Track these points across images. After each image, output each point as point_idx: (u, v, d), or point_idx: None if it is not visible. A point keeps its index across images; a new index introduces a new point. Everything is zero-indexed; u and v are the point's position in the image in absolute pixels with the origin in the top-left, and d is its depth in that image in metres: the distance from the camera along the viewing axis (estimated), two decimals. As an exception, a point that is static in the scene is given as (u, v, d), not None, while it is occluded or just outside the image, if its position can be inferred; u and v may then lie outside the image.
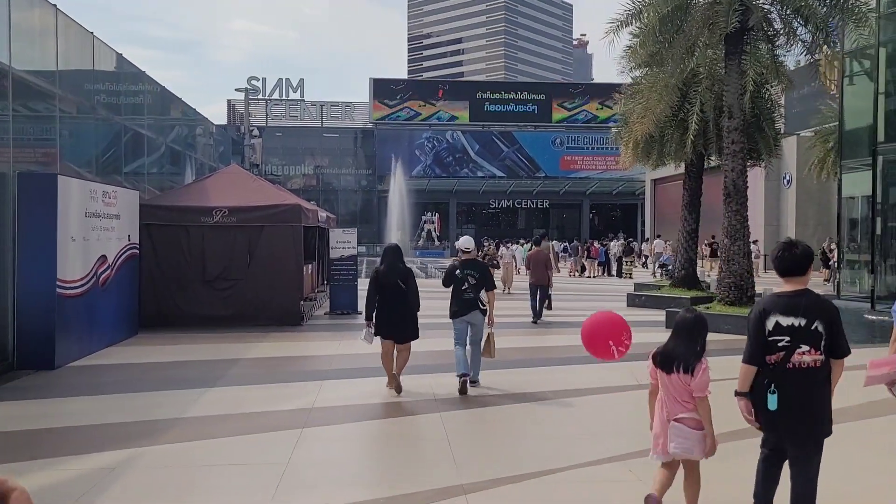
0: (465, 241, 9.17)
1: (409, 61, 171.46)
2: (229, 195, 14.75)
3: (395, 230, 40.32)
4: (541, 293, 15.37)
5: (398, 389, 8.39)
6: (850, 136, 20.92)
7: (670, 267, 31.15)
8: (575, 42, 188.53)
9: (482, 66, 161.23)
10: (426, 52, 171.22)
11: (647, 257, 37.36)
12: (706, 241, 28.90)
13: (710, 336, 13.74)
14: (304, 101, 60.54)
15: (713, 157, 19.62)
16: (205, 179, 16.59)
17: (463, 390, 8.39)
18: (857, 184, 21.10)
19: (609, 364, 10.83)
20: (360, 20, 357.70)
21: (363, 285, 18.88)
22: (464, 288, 8.67)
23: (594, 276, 31.25)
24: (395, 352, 8.55)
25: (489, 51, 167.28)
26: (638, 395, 8.62)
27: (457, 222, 61.21)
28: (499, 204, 63.44)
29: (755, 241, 30.88)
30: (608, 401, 8.45)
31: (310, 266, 18.02)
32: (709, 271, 27.04)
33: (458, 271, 8.76)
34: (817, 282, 28.58)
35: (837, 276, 27.68)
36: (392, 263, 8.57)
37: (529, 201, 62.90)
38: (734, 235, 14.15)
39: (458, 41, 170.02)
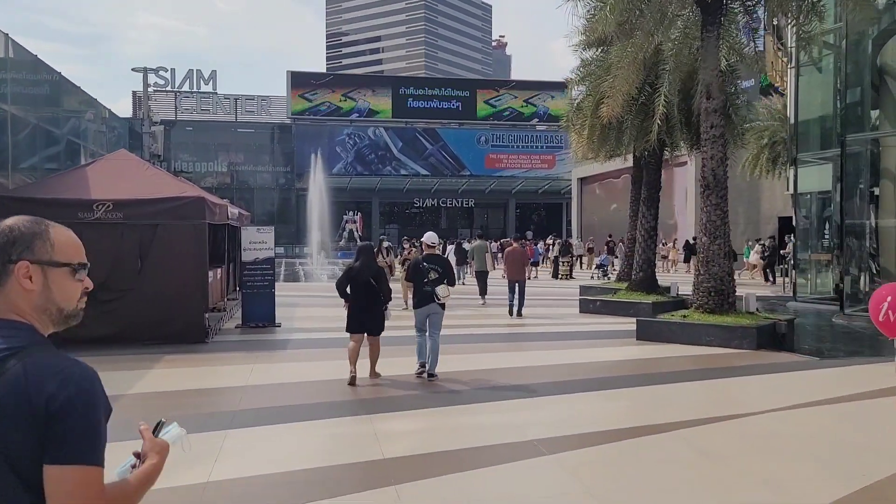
0: (430, 237, 9.47)
1: (328, 59, 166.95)
2: (116, 186, 12.03)
3: (316, 230, 37.71)
4: (519, 289, 15.85)
5: (365, 376, 8.63)
6: (804, 130, 19.72)
7: (607, 268, 29.87)
8: (494, 43, 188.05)
9: (402, 65, 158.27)
10: (345, 51, 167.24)
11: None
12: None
13: (692, 351, 11.37)
14: (216, 93, 56.64)
15: (667, 148, 17.98)
16: (85, 167, 13.69)
17: (420, 375, 8.80)
18: (810, 179, 19.92)
19: (604, 391, 8.72)
20: (276, 17, 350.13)
21: (282, 291, 16.61)
22: (425, 281, 8.84)
23: (529, 278, 29.51)
24: (365, 344, 8.76)
25: (409, 49, 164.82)
26: (654, 440, 6.12)
27: (380, 222, 58.71)
28: (423, 203, 61.27)
29: (772, 237, 29.79)
30: (625, 454, 6.20)
31: (217, 271, 15.43)
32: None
33: (422, 264, 8.96)
34: (760, 282, 27.56)
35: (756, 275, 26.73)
36: (366, 262, 8.86)
37: (454, 200, 61.06)
38: (714, 233, 12.32)
39: (377, 39, 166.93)
